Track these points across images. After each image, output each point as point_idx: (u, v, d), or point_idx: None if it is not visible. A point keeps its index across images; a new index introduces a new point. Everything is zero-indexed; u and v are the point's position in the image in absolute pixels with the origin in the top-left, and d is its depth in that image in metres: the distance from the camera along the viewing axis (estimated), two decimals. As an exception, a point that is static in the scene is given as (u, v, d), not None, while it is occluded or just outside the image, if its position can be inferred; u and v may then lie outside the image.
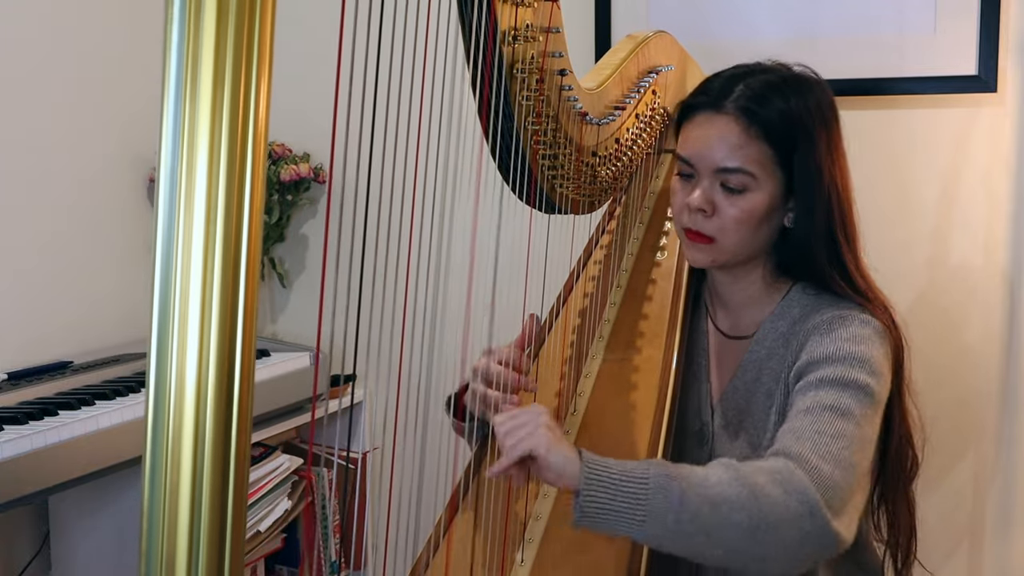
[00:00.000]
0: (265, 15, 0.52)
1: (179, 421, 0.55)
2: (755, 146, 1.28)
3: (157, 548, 0.56)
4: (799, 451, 1.11)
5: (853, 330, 1.26)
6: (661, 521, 1.04)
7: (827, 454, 1.11)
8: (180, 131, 0.52)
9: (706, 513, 1.04)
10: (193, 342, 0.54)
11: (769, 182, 1.30)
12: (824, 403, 1.18)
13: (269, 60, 0.53)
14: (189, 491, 0.56)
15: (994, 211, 1.95)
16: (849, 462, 1.12)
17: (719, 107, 1.30)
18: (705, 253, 1.34)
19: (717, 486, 1.05)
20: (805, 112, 1.29)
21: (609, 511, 1.05)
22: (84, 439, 1.60)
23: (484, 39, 1.17)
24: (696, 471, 1.08)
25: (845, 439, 1.14)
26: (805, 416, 1.17)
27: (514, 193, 1.32)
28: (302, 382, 2.08)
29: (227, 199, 0.53)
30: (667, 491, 1.04)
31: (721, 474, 1.07)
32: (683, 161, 1.34)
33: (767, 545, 1.05)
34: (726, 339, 1.42)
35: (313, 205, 2.42)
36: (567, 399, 1.39)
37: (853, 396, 1.20)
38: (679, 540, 1.06)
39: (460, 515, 1.30)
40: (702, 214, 1.31)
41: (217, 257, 0.54)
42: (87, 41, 2.12)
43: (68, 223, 2.09)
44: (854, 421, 1.17)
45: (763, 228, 1.32)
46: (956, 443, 1.99)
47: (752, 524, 1.04)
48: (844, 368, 1.23)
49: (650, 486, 1.05)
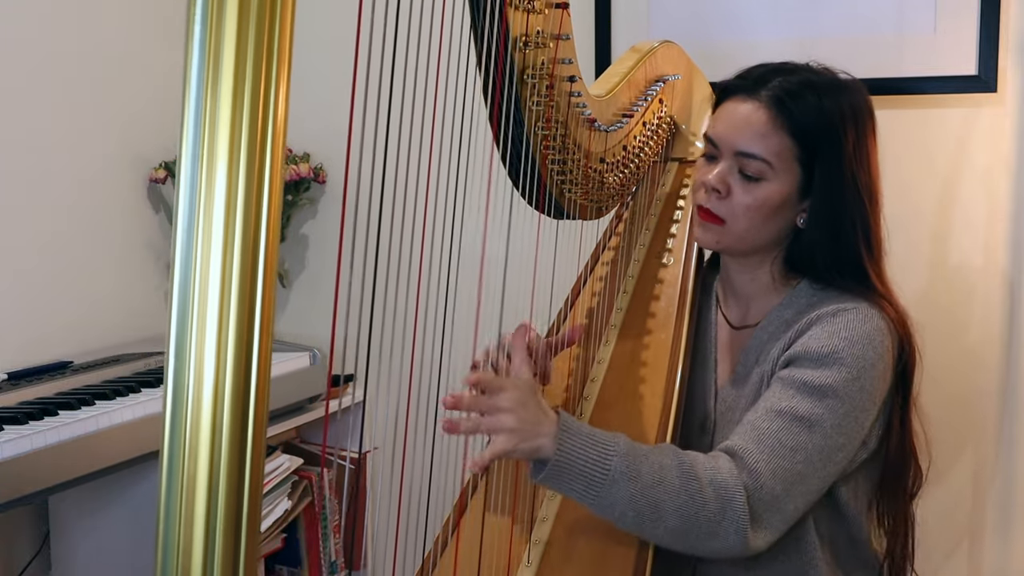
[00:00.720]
0: (285, 13, 0.53)
1: (197, 413, 0.56)
2: (778, 137, 1.30)
3: (174, 539, 0.57)
4: (755, 459, 1.21)
5: (854, 325, 1.28)
6: (609, 511, 1.18)
7: (778, 469, 1.21)
8: (201, 128, 0.52)
9: (647, 514, 1.17)
10: (211, 336, 0.55)
11: (786, 176, 1.31)
12: (797, 412, 1.24)
13: (289, 58, 0.54)
14: (206, 482, 0.56)
15: (994, 211, 1.96)
16: (797, 475, 1.22)
17: (753, 93, 1.32)
18: (712, 234, 1.36)
19: (666, 493, 1.17)
20: (836, 116, 1.31)
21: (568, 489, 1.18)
22: (84, 439, 1.59)
23: (496, 45, 1.17)
24: (654, 471, 1.18)
25: (803, 452, 1.22)
26: (775, 419, 1.24)
27: (523, 198, 1.33)
28: (302, 382, 2.07)
29: (246, 195, 0.53)
30: (620, 488, 1.16)
31: (674, 479, 1.18)
32: (709, 141, 1.36)
33: (691, 545, 1.20)
34: (734, 330, 1.43)
35: (313, 205, 2.42)
36: (573, 404, 1.40)
37: (829, 406, 1.24)
38: (619, 522, 1.19)
39: (467, 515, 1.31)
40: (716, 194, 1.33)
41: (236, 251, 0.54)
42: (87, 41, 2.11)
43: (68, 223, 2.09)
44: (821, 432, 1.23)
45: (773, 221, 1.33)
46: (956, 443, 2.00)
47: (684, 529, 1.18)
48: (830, 372, 1.25)
49: (608, 478, 1.16)
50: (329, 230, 2.42)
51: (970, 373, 1.98)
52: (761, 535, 1.20)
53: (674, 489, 1.17)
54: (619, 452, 1.17)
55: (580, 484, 1.16)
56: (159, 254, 2.32)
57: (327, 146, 2.30)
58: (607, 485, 1.16)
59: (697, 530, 1.18)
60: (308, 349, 2.11)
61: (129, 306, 2.23)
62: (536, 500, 1.30)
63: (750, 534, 1.18)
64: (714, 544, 1.19)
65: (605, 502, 1.17)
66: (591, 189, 1.42)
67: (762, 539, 1.20)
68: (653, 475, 1.17)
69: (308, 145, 2.34)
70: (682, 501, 1.17)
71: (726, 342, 1.44)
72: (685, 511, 1.17)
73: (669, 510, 1.17)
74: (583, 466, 1.16)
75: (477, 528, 1.28)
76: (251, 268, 0.55)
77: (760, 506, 1.20)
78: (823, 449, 1.23)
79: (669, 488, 1.17)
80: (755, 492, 1.19)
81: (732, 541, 1.18)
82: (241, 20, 0.52)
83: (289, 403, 2.05)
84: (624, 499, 1.16)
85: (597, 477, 1.16)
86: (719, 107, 1.38)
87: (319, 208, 2.42)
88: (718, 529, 1.18)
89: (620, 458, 1.16)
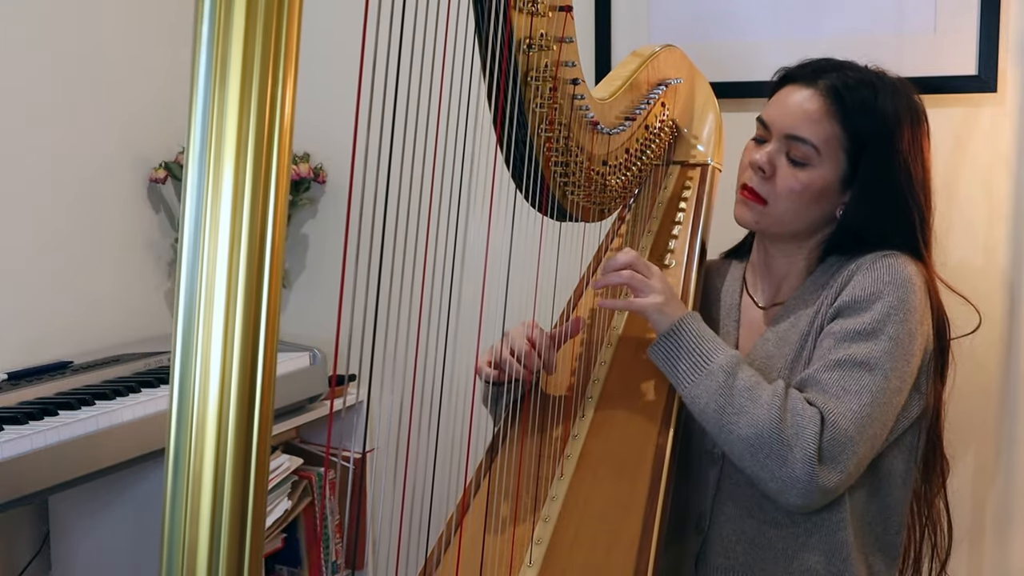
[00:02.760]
0: (293, 13, 0.53)
1: (203, 410, 0.56)
2: (829, 125, 1.34)
3: (179, 536, 0.57)
4: (823, 405, 1.26)
5: (894, 269, 1.32)
6: (696, 399, 1.28)
7: (847, 411, 1.25)
8: (208, 126, 0.53)
9: (729, 412, 1.25)
10: (218, 334, 0.55)
11: (831, 164, 1.34)
12: (855, 358, 1.28)
13: (296, 57, 0.54)
14: (212, 479, 0.57)
15: (994, 211, 1.96)
16: (867, 416, 1.26)
17: (811, 81, 1.36)
18: (753, 213, 1.39)
19: (751, 401, 1.25)
20: (891, 114, 1.35)
21: (673, 365, 1.31)
22: (84, 439, 1.59)
23: (500, 47, 1.17)
24: (750, 382, 1.27)
25: (868, 393, 1.26)
26: (834, 370, 1.28)
27: (526, 200, 1.34)
28: (302, 382, 2.07)
29: (253, 194, 0.53)
30: (715, 380, 1.27)
31: (763, 394, 1.25)
32: (761, 123, 1.40)
33: (759, 463, 1.25)
34: (760, 309, 1.47)
35: (313, 205, 2.42)
36: (577, 402, 1.40)
37: (883, 347, 1.28)
38: (701, 414, 1.29)
39: (470, 515, 1.31)
40: (761, 174, 1.36)
41: (243, 249, 0.55)
42: (87, 41, 2.11)
43: (68, 223, 2.08)
44: (881, 372, 1.27)
45: (813, 207, 1.36)
46: (956, 443, 1.99)
47: (755, 442, 1.24)
48: (875, 312, 1.29)
49: (709, 368, 1.28)
50: (329, 230, 2.42)
51: (970, 373, 1.98)
52: (829, 473, 1.23)
53: (760, 402, 1.25)
54: (728, 353, 1.29)
55: (685, 363, 1.29)
56: (159, 254, 2.32)
57: (327, 146, 2.30)
58: (705, 374, 1.27)
59: (768, 448, 1.23)
60: (308, 349, 2.11)
61: (129, 306, 2.23)
62: (539, 500, 1.30)
63: (818, 468, 1.22)
64: (783, 471, 1.23)
65: (698, 388, 1.28)
66: (594, 191, 1.43)
67: (830, 478, 1.24)
68: (747, 382, 1.27)
69: (308, 145, 2.34)
70: (762, 414, 1.24)
71: (751, 322, 1.48)
72: (761, 424, 1.23)
73: (748, 417, 1.24)
74: (694, 347, 1.28)
75: (480, 528, 1.28)
76: (257, 266, 0.55)
77: (833, 445, 1.23)
78: (884, 390, 1.27)
79: (756, 399, 1.25)
80: (829, 429, 1.24)
81: (799, 471, 1.22)
82: (249, 19, 0.52)
83: (289, 403, 2.05)
84: (713, 391, 1.26)
85: (700, 363, 1.28)
86: (777, 93, 1.41)
87: (319, 208, 2.42)
88: (788, 454, 1.23)
89: (727, 357, 1.28)
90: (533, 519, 1.28)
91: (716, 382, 1.27)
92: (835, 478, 1.24)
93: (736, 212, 1.42)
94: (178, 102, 2.27)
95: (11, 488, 1.47)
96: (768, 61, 1.54)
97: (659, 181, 1.65)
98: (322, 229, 2.43)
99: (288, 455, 2.14)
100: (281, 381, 2.01)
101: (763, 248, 1.47)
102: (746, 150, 1.43)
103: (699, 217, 1.57)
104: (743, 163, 1.42)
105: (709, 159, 1.66)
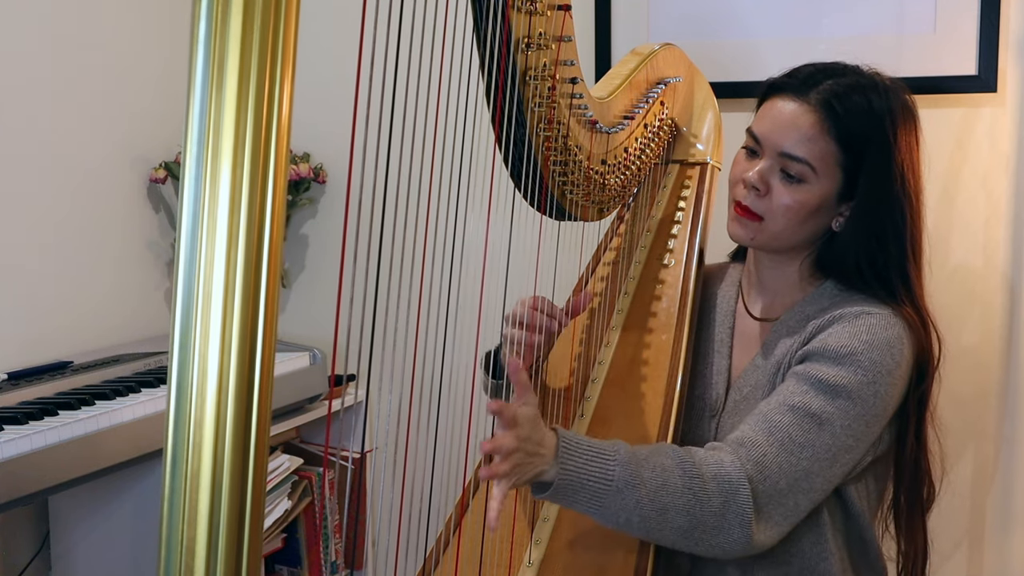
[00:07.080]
0: (290, 13, 0.53)
1: (201, 410, 0.56)
2: (824, 142, 1.30)
3: (177, 535, 0.57)
4: (763, 451, 1.22)
5: (876, 330, 1.28)
6: (615, 519, 1.18)
7: (784, 463, 1.22)
8: (205, 126, 0.53)
9: (654, 517, 1.17)
10: (215, 334, 0.55)
11: (827, 180, 1.31)
12: (809, 408, 1.24)
13: (293, 57, 0.54)
14: (210, 479, 0.57)
15: (993, 212, 1.96)
16: (803, 471, 1.22)
17: (802, 94, 1.31)
18: (748, 230, 1.36)
19: (669, 495, 1.17)
20: (886, 123, 1.31)
21: (573, 503, 1.18)
22: (84, 439, 1.59)
23: (499, 46, 1.17)
24: (656, 474, 1.18)
25: (810, 449, 1.23)
26: (787, 413, 1.24)
27: (525, 199, 1.34)
28: (302, 382, 2.07)
29: (250, 194, 0.53)
30: (625, 496, 1.16)
31: (676, 479, 1.18)
32: (752, 136, 1.36)
33: (697, 542, 1.20)
34: (754, 321, 1.44)
35: (313, 205, 2.42)
36: (575, 403, 1.40)
37: (841, 407, 1.24)
38: (627, 529, 1.19)
39: (469, 515, 1.31)
40: (755, 192, 1.33)
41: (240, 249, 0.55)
42: (88, 41, 2.11)
43: (68, 223, 2.09)
44: (831, 431, 1.23)
45: (810, 222, 1.34)
46: (956, 443, 2.00)
47: (690, 527, 1.18)
48: (846, 372, 1.25)
49: (612, 488, 1.16)
50: (329, 230, 2.42)
51: (969, 373, 1.98)
52: (764, 529, 1.20)
53: (678, 489, 1.17)
54: (620, 461, 1.17)
55: (585, 497, 1.17)
56: (159, 254, 2.32)
57: (327, 146, 2.30)
58: (612, 495, 1.16)
59: (703, 526, 1.18)
60: (308, 349, 2.11)
61: (129, 306, 2.23)
62: (538, 500, 1.30)
63: (754, 527, 1.18)
64: (720, 539, 1.19)
65: (611, 511, 1.17)
66: (592, 190, 1.43)
67: (766, 534, 1.20)
68: (656, 478, 1.18)
69: (308, 145, 2.34)
70: (686, 500, 1.17)
71: (745, 332, 1.45)
72: (690, 509, 1.17)
73: (675, 511, 1.17)
74: (586, 481, 1.16)
75: (479, 528, 1.28)
76: (255, 266, 0.55)
77: (763, 499, 1.20)
78: (831, 448, 1.24)
79: (672, 489, 1.17)
80: (759, 484, 1.20)
81: (737, 535, 1.18)
82: (246, 19, 0.52)
83: (289, 403, 2.05)
84: (630, 506, 1.16)
85: (601, 489, 1.16)
86: (766, 103, 1.37)
87: (319, 208, 2.42)
88: (723, 523, 1.18)
89: (622, 467, 1.17)
90: (532, 519, 1.28)
91: (627, 498, 1.16)
92: (771, 532, 1.21)
93: (730, 229, 1.39)
94: (178, 102, 2.27)
95: (11, 488, 1.47)
96: (768, 61, 1.54)
97: (658, 180, 1.65)
98: (322, 229, 2.43)
99: (288, 455, 2.14)
100: (281, 381, 2.00)
101: (756, 258, 1.45)
102: (735, 163, 1.39)
103: (698, 216, 1.56)
104: (733, 176, 1.38)
105: (708, 158, 1.66)
